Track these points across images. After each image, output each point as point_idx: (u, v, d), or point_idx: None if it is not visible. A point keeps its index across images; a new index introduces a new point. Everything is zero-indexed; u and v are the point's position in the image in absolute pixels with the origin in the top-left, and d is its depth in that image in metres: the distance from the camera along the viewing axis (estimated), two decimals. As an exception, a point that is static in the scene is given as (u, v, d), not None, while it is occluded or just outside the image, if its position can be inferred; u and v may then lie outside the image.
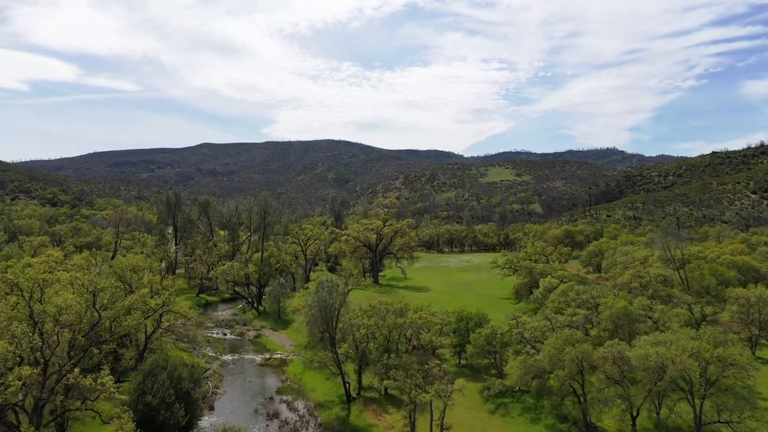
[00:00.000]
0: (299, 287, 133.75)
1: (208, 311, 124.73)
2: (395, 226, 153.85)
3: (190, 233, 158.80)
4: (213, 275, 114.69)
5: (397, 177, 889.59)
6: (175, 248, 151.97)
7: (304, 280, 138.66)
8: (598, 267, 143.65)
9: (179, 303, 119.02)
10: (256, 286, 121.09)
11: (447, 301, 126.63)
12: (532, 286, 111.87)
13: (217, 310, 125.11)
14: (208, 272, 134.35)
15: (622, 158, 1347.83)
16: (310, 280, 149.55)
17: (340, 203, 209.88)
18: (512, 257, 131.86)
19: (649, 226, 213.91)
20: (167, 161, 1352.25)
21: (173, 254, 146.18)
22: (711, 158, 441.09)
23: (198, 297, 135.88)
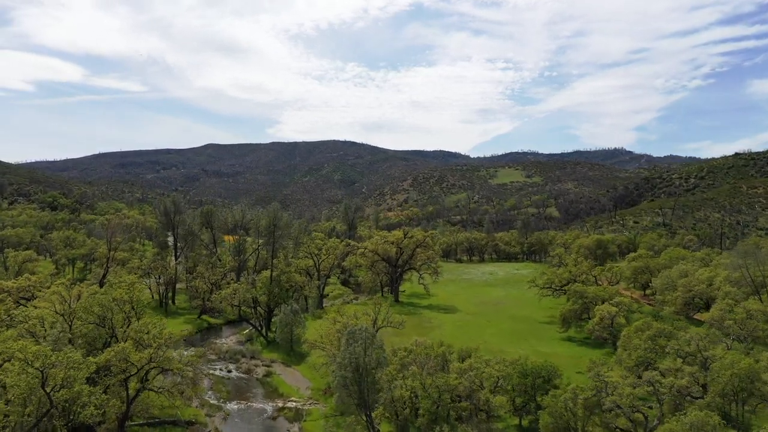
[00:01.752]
0: (312, 307, 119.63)
1: (210, 337, 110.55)
2: (417, 237, 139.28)
3: (192, 245, 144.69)
4: (215, 300, 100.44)
5: (405, 178, 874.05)
6: (175, 262, 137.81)
7: (317, 299, 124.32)
8: (643, 285, 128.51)
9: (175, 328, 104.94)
10: (264, 310, 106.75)
11: (480, 326, 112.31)
12: (581, 312, 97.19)
13: (221, 337, 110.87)
14: (211, 292, 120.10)
15: (631, 158, 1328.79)
16: (323, 297, 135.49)
17: (353, 210, 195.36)
18: (552, 276, 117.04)
19: (689, 236, 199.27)
20: (172, 162, 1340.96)
21: (173, 269, 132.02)
22: (734, 160, 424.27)
23: (199, 319, 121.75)
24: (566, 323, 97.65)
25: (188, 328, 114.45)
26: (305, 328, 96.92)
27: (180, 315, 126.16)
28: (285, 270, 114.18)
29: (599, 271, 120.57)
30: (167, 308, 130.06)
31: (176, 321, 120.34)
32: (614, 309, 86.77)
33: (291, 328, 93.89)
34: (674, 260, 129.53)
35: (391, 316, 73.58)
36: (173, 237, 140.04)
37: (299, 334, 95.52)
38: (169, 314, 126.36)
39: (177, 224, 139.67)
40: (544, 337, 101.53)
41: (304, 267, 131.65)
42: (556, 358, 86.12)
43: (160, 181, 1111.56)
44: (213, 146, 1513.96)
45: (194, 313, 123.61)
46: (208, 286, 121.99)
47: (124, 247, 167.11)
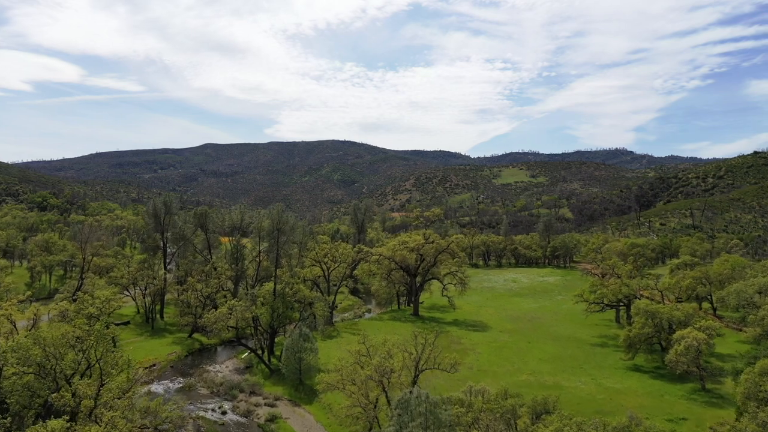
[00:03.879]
0: (321, 324, 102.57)
1: (202, 362, 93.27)
2: (440, 243, 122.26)
3: (184, 251, 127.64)
4: (207, 320, 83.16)
5: (407, 178, 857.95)
6: (164, 271, 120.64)
7: (327, 316, 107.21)
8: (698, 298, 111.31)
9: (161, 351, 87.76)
10: (267, 331, 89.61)
11: (520, 348, 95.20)
12: (653, 337, 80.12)
13: (215, 362, 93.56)
14: (204, 307, 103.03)
15: (632, 159, 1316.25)
16: (335, 308, 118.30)
17: (363, 212, 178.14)
18: (605, 291, 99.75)
19: (733, 240, 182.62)
20: (170, 162, 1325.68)
21: (161, 279, 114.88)
22: (753, 159, 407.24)
23: (190, 339, 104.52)
24: (632, 349, 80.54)
25: (177, 351, 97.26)
26: (317, 354, 79.88)
27: (168, 333, 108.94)
28: (290, 282, 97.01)
29: (666, 284, 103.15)
30: (154, 324, 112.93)
31: (163, 341, 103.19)
32: (702, 336, 69.78)
33: (300, 356, 76.76)
34: (737, 270, 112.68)
35: (439, 354, 56.28)
36: (163, 241, 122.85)
37: (310, 362, 78.47)
38: (155, 332, 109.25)
39: (167, 227, 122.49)
40: (603, 365, 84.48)
41: (312, 277, 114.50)
42: (632, 396, 69.34)
43: (157, 181, 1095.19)
44: (211, 146, 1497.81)
45: (185, 331, 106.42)
46: (200, 300, 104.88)
47: (108, 252, 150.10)
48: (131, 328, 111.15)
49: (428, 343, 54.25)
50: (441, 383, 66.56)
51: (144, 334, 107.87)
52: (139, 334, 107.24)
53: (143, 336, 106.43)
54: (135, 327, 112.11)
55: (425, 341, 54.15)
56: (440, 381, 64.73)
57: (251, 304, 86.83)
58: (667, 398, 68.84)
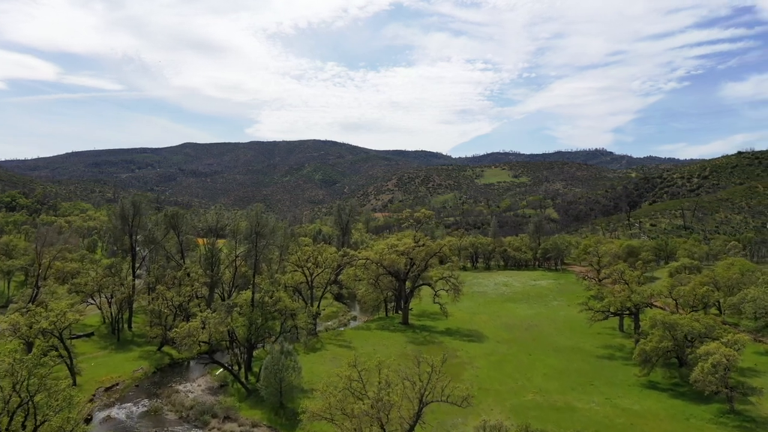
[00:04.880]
0: (304, 338, 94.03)
1: (171, 379, 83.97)
2: (431, 246, 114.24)
3: (155, 256, 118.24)
4: (178, 333, 74.03)
5: (389, 178, 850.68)
6: (133, 277, 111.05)
7: (311, 327, 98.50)
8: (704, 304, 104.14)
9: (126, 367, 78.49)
10: (244, 346, 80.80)
11: (522, 362, 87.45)
12: (672, 351, 72.80)
13: (186, 379, 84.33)
14: (175, 318, 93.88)
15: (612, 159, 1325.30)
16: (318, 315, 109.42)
17: (348, 213, 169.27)
18: (613, 299, 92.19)
19: (731, 241, 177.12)
20: (148, 161, 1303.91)
21: (128, 286, 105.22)
22: (737, 159, 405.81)
23: (160, 352, 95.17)
24: (648, 364, 73.15)
25: (144, 366, 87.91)
26: (300, 373, 71.26)
27: (136, 345, 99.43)
28: (270, 290, 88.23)
29: (682, 292, 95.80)
30: (120, 336, 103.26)
31: (130, 355, 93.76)
32: (731, 352, 62.56)
33: (281, 376, 68.08)
34: (746, 274, 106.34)
35: (448, 383, 47.89)
36: (132, 245, 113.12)
37: (292, 382, 69.82)
38: (121, 344, 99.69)
39: (136, 229, 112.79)
40: (615, 381, 77.02)
41: (294, 283, 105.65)
42: (654, 420, 61.91)
43: (135, 180, 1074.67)
44: (190, 145, 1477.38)
45: (154, 344, 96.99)
46: (171, 309, 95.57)
47: (73, 256, 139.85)
48: (95, 341, 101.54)
49: (435, 369, 45.73)
50: (446, 413, 58.49)
51: (109, 347, 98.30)
52: (103, 348, 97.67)
53: (108, 349, 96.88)
54: (99, 339, 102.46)
55: (432, 368, 45.69)
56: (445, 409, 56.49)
57: (226, 315, 77.94)
58: (694, 422, 61.52)
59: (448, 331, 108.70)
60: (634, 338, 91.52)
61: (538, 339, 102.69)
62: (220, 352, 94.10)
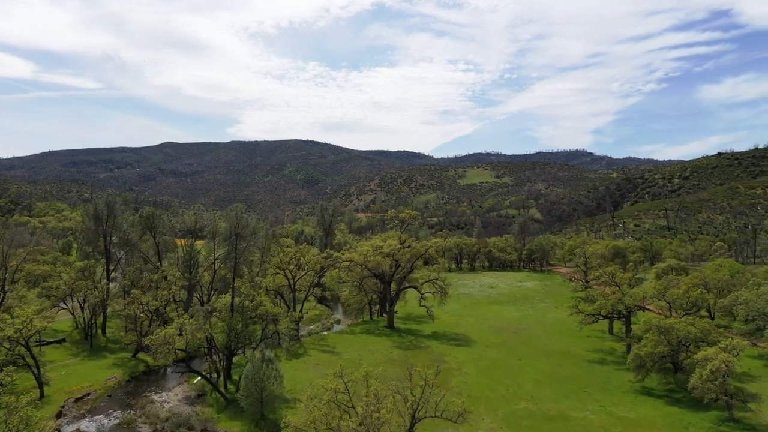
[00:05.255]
0: (286, 344, 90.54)
1: (146, 388, 79.98)
2: (417, 248, 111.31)
3: (131, 258, 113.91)
4: (153, 341, 70.16)
5: (372, 178, 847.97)
6: (107, 281, 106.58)
7: (293, 332, 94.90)
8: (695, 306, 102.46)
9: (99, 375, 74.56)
10: (223, 353, 77.13)
11: (512, 367, 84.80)
12: (666, 357, 70.54)
13: (162, 388, 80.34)
14: (150, 323, 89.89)
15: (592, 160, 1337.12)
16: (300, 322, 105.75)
17: (331, 214, 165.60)
18: (604, 302, 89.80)
19: (717, 242, 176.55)
20: (127, 161, 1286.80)
21: (102, 289, 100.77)
22: (717, 160, 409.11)
23: (135, 359, 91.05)
24: (642, 369, 70.86)
25: (117, 375, 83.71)
26: (282, 382, 67.77)
27: (109, 352, 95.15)
28: (251, 294, 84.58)
29: (677, 294, 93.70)
30: (93, 342, 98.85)
31: (103, 362, 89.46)
32: (730, 357, 60.44)
33: (262, 386, 64.58)
34: (736, 276, 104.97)
35: (443, 397, 44.62)
36: (106, 247, 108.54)
37: (273, 391, 66.32)
38: (94, 351, 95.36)
39: (111, 231, 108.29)
40: (609, 387, 74.63)
41: (275, 287, 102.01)
42: (651, 429, 59.73)
43: (113, 180, 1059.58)
44: (170, 145, 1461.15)
45: (129, 350, 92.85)
46: (146, 314, 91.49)
47: (46, 258, 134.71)
48: (66, 347, 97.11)
49: (428, 383, 42.59)
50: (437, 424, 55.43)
51: (81, 354, 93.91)
52: (75, 354, 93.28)
53: (79, 356, 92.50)
54: (71, 345, 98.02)
55: (425, 382, 42.56)
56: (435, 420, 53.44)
57: (205, 321, 74.17)
58: (693, 431, 59.22)
59: (435, 334, 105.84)
60: (626, 342, 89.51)
61: (527, 342, 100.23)
62: (199, 358, 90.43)
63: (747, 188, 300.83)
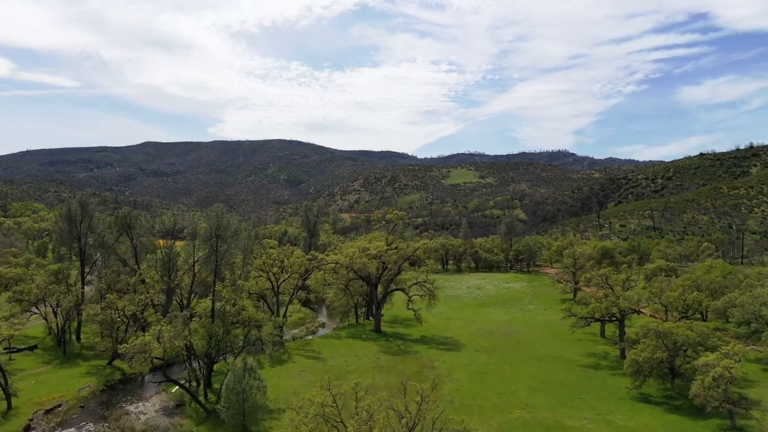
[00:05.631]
0: (270, 350, 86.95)
1: (122, 398, 76.02)
2: (404, 250, 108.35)
3: (107, 260, 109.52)
4: (127, 349, 66.35)
5: (355, 178, 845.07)
6: (81, 284, 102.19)
7: (276, 338, 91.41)
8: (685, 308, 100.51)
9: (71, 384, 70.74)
10: (204, 360, 73.48)
11: (503, 373, 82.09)
12: (664, 362, 68.19)
13: (139, 398, 76.43)
14: (127, 330, 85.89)
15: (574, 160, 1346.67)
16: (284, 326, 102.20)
17: (315, 214, 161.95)
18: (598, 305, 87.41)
19: (704, 242, 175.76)
20: (108, 160, 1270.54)
21: (77, 294, 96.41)
22: (700, 160, 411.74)
23: (110, 367, 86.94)
24: (639, 376, 68.49)
25: (91, 384, 79.60)
26: (265, 392, 64.35)
27: (84, 360, 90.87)
28: (232, 298, 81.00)
29: (673, 294, 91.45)
30: (67, 348, 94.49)
31: (76, 370, 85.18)
32: (732, 363, 58.23)
33: (244, 397, 61.13)
34: (728, 278, 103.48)
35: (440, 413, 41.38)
36: (80, 249, 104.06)
37: (256, 402, 62.92)
38: (68, 358, 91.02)
39: (86, 232, 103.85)
40: (605, 394, 72.15)
41: (258, 290, 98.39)
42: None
43: (93, 180, 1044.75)
44: (151, 144, 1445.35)
45: (104, 357, 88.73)
46: (123, 320, 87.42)
47: (18, 261, 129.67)
48: (38, 354, 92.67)
49: (425, 399, 39.48)
50: None
51: (53, 361, 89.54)
52: (47, 362, 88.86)
53: (52, 364, 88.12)
54: (43, 352, 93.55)
55: (421, 398, 39.44)
56: None
57: (184, 328, 70.46)
58: (696, 441, 56.90)
59: (423, 339, 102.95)
60: (620, 346, 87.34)
61: (518, 347, 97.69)
62: (178, 365, 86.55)
63: (730, 189, 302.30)
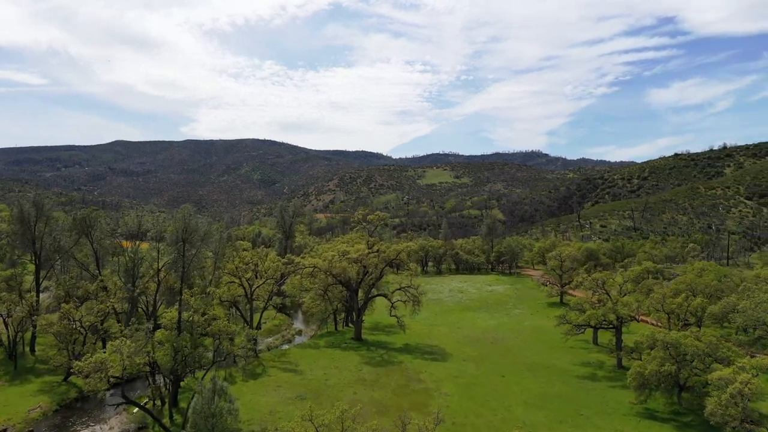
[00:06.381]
0: (243, 363, 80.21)
1: (78, 420, 68.43)
2: (387, 253, 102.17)
3: (66, 266, 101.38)
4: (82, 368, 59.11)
5: (330, 178, 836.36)
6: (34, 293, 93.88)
7: (250, 352, 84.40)
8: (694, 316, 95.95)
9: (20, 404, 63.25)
10: (169, 378, 66.38)
11: (496, 385, 76.38)
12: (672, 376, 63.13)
13: (97, 419, 68.80)
14: (84, 342, 78.28)
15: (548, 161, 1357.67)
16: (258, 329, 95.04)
17: (291, 215, 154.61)
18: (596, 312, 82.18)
19: (690, 243, 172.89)
20: (76, 159, 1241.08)
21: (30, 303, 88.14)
22: (675, 161, 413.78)
23: (66, 383, 79.10)
24: (644, 390, 63.37)
25: (43, 403, 71.81)
26: (237, 415, 57.53)
27: (37, 375, 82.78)
28: (201, 308, 73.86)
29: (679, 301, 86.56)
30: (18, 363, 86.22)
31: (27, 388, 77.18)
32: (748, 377, 53.35)
33: (213, 422, 54.29)
34: (724, 281, 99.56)
35: None
36: (35, 254, 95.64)
37: (227, 425, 56.10)
38: (19, 374, 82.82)
39: (40, 236, 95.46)
40: (607, 409, 66.86)
41: (230, 297, 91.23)
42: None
43: (60, 180, 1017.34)
44: (121, 143, 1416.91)
45: (60, 373, 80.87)
46: (80, 331, 79.70)
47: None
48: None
49: None
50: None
51: (2, 377, 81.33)
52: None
53: (0, 380, 79.96)
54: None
55: None
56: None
57: (146, 343, 63.28)
58: (713, 465, 51.81)
59: (407, 347, 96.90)
60: (617, 355, 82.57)
61: (507, 355, 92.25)
62: (142, 379, 79.16)
63: (707, 189, 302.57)
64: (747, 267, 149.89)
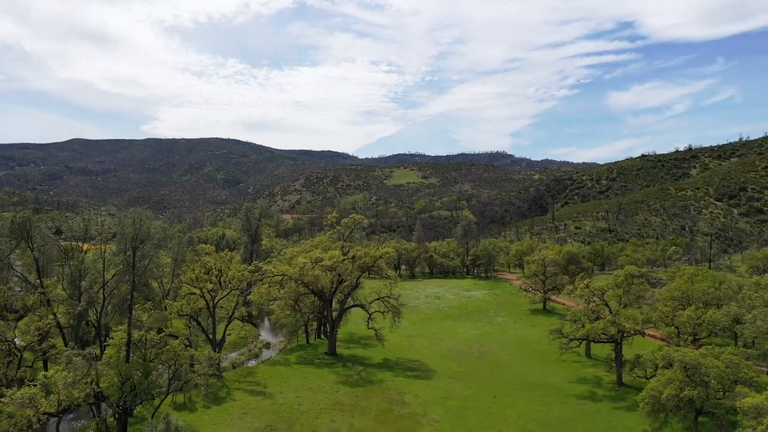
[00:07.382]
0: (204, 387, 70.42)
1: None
2: (364, 260, 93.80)
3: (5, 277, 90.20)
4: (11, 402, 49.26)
5: (296, 178, 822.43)
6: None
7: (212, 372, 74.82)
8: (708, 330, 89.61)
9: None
10: (116, 411, 56.79)
11: (489, 408, 68.75)
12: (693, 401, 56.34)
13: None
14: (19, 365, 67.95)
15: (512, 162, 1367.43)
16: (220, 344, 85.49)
17: (258, 217, 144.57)
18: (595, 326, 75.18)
19: (672, 246, 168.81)
20: (30, 158, 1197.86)
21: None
22: (642, 162, 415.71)
23: (-3, 414, 68.43)
24: (658, 415, 56.43)
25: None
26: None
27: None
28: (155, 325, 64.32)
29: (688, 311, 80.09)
30: (-56, 389, 74.99)
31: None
32: (788, 406, 46.70)
33: (167, 469, 45.25)
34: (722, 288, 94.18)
35: None
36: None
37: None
38: (-57, 403, 71.68)
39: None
40: (619, 440, 59.85)
41: (190, 311, 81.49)
42: None
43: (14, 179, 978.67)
44: (79, 141, 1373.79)
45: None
46: (14, 353, 69.22)
47: None
48: None
49: None
50: None
51: None
52: None
53: None
54: None
55: None
56: None
57: (87, 371, 53.65)
58: None
59: (387, 363, 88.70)
60: (617, 371, 75.92)
61: (496, 371, 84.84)
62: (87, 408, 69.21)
63: (677, 189, 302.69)
64: (730, 270, 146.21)
